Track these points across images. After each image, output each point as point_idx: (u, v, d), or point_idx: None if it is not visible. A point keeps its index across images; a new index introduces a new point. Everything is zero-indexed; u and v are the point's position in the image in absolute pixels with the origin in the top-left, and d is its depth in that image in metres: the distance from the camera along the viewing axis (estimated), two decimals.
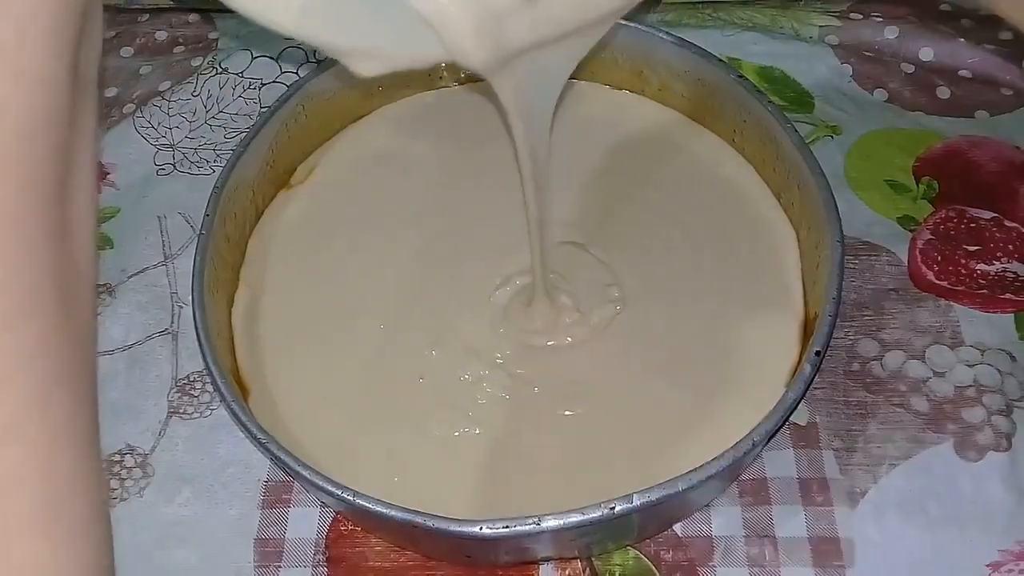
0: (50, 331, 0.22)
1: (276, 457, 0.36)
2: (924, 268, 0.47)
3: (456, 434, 0.41)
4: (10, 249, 0.22)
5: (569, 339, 0.43)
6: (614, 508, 0.34)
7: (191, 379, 0.45)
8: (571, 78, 0.51)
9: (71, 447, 0.23)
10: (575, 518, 0.34)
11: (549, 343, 0.43)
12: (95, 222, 0.25)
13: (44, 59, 0.22)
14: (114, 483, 0.43)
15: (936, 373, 0.44)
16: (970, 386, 0.43)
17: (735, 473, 0.40)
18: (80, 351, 0.24)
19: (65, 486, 0.22)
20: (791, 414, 0.38)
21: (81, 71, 0.23)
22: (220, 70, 0.57)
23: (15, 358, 0.22)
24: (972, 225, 0.48)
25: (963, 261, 0.47)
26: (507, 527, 0.34)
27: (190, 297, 0.41)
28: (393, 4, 0.27)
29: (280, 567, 0.40)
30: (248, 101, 0.56)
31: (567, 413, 0.42)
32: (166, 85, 0.57)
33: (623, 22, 0.47)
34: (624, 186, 0.48)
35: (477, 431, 0.41)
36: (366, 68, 0.29)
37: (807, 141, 0.45)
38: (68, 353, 0.23)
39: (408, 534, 0.39)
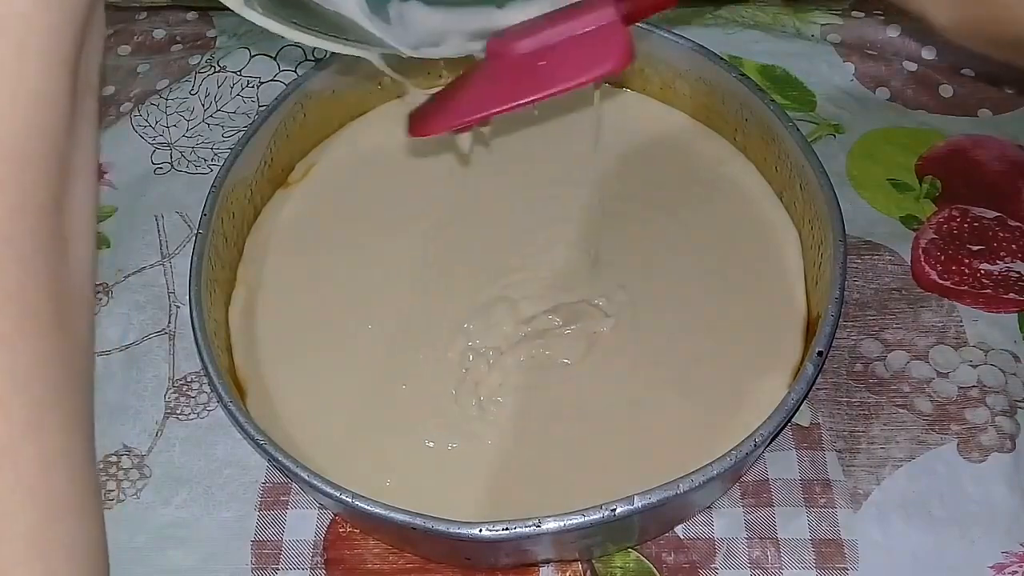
0: (46, 352, 0.22)
1: (274, 458, 0.36)
2: (927, 268, 0.46)
3: (454, 437, 0.41)
4: (5, 270, 0.21)
5: (573, 338, 0.43)
6: (615, 510, 0.34)
7: (188, 380, 0.45)
8: None
9: (65, 470, 0.22)
10: (576, 520, 0.34)
11: (549, 348, 0.43)
12: (94, 233, 0.24)
13: (44, 74, 0.21)
14: (111, 484, 0.42)
15: (939, 373, 0.43)
16: (974, 387, 0.43)
17: (737, 474, 0.40)
18: (75, 369, 0.23)
19: (60, 509, 0.22)
20: (793, 415, 0.37)
21: (81, 77, 0.23)
22: (218, 68, 0.57)
23: (10, 381, 0.21)
24: (975, 224, 0.48)
25: (966, 261, 0.46)
26: (507, 529, 0.34)
27: (187, 296, 0.41)
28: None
29: (278, 569, 0.40)
30: (246, 100, 0.56)
31: (568, 412, 0.41)
32: (164, 84, 0.57)
33: None
34: (625, 185, 0.48)
35: (476, 433, 0.41)
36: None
37: (809, 140, 0.44)
38: (63, 373, 0.22)
39: (407, 536, 0.38)
